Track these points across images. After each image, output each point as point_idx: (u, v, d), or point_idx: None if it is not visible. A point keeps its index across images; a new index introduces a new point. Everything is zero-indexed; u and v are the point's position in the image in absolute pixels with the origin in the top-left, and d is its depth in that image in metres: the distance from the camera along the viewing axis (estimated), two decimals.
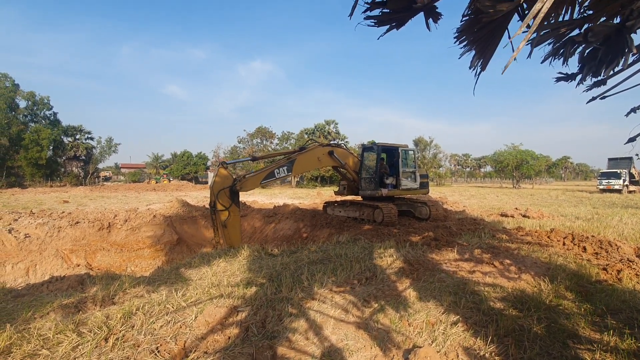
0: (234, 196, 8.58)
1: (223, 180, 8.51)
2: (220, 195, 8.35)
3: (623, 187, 31.56)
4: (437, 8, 2.25)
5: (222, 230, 8.41)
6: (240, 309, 3.76)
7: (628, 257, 6.16)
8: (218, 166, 8.65)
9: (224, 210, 8.35)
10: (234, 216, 8.54)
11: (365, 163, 11.27)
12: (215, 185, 8.37)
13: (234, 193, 8.58)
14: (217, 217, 8.39)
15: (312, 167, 10.89)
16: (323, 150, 10.38)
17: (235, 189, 8.58)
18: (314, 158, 10.15)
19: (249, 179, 9.04)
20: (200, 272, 5.56)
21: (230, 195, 8.50)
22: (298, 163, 9.61)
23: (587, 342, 3.24)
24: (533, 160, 47.98)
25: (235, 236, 8.53)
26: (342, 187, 12.07)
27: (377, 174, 10.74)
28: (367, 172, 11.18)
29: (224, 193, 8.42)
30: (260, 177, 9.22)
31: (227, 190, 8.47)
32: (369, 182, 11.01)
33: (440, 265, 5.68)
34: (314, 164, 10.45)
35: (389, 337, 3.31)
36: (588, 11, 2.97)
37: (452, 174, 73.80)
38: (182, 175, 61.93)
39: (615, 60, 2.55)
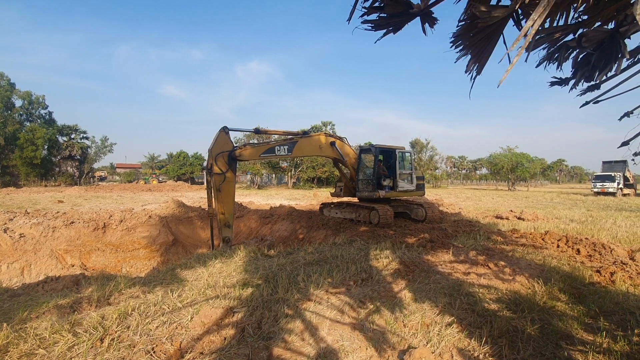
0: (232, 162, 8.53)
1: (223, 145, 8.44)
2: (219, 159, 8.29)
3: (617, 190, 31.86)
4: (434, 13, 2.29)
5: (215, 194, 8.33)
6: (236, 310, 3.76)
7: (621, 259, 6.23)
8: (219, 130, 8.56)
9: (220, 174, 8.28)
10: (229, 182, 8.49)
11: (363, 164, 11.28)
12: (214, 148, 8.29)
13: (232, 159, 8.51)
14: (212, 181, 8.30)
15: (312, 153, 10.79)
16: (326, 139, 10.33)
17: (234, 154, 8.52)
18: (315, 145, 10.09)
19: (249, 148, 9.00)
20: (196, 272, 5.55)
21: (229, 161, 8.43)
22: (299, 146, 9.57)
23: (580, 343, 3.28)
24: (528, 163, 48.34)
25: (228, 203, 8.48)
26: (339, 189, 12.02)
27: (375, 176, 10.75)
28: (365, 173, 11.18)
29: (223, 157, 8.35)
30: (261, 150, 9.17)
31: (226, 154, 8.40)
32: (366, 183, 10.99)
33: (436, 267, 5.72)
34: (314, 150, 10.36)
35: (384, 338, 3.33)
36: (583, 16, 3.02)
37: (449, 176, 74.08)
38: (178, 175, 61.64)
39: (609, 65, 2.60)
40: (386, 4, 2.22)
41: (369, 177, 10.95)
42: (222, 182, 8.33)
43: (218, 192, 8.28)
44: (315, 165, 48.44)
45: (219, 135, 8.54)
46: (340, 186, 11.97)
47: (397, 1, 2.18)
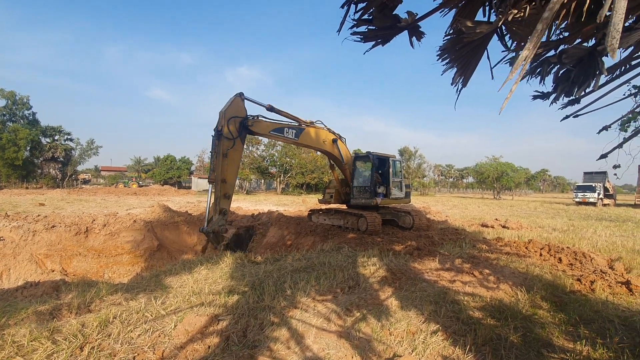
0: (243, 131, 8.22)
1: (236, 110, 8.12)
2: (231, 123, 7.94)
3: (598, 200, 32.82)
4: (421, 27, 2.35)
5: (219, 160, 7.85)
6: (221, 318, 3.71)
7: (601, 268, 6.40)
8: (235, 95, 8.22)
9: (230, 139, 7.92)
10: (237, 150, 8.16)
11: (359, 172, 11.38)
12: (227, 110, 7.94)
13: (243, 128, 8.20)
14: (219, 144, 7.83)
15: (315, 145, 10.40)
16: (329, 135, 10.34)
17: (247, 123, 8.25)
18: (319, 137, 10.02)
19: (262, 121, 8.69)
20: (181, 279, 5.46)
21: (240, 128, 8.12)
22: (306, 134, 9.47)
23: (561, 351, 3.34)
24: (513, 172, 49.43)
25: (232, 172, 8.12)
26: (329, 195, 11.98)
27: (372, 183, 10.88)
28: (362, 180, 11.29)
29: (235, 122, 8.02)
30: (272, 127, 8.92)
31: (239, 121, 8.10)
32: (363, 191, 11.11)
33: (422, 275, 5.76)
34: (317, 143, 10.20)
35: (370, 346, 3.33)
36: (564, 33, 3.14)
37: (436, 184, 75.08)
38: (165, 179, 60.71)
39: (587, 81, 2.70)
40: (375, 17, 2.27)
41: (366, 184, 11.05)
42: (230, 147, 7.93)
43: (224, 157, 7.82)
44: (304, 172, 48.47)
45: (234, 99, 8.18)
46: (330, 193, 11.93)
47: (385, 15, 2.24)
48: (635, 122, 3.85)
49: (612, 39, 1.13)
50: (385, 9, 2.25)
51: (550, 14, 1.46)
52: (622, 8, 1.11)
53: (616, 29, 1.11)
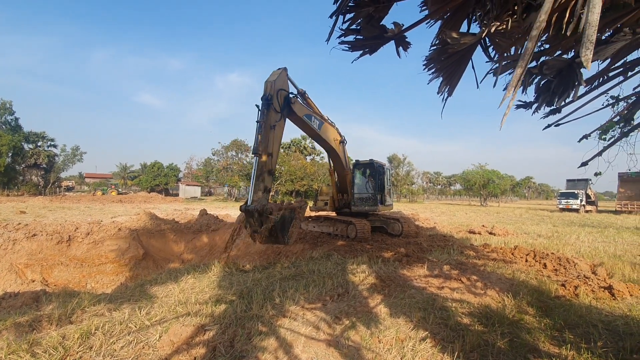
0: (285, 108, 7.59)
1: (284, 84, 7.60)
2: (280, 95, 7.37)
3: (580, 207, 33.66)
4: (407, 38, 2.41)
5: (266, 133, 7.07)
6: (208, 328, 3.64)
7: (584, 273, 6.53)
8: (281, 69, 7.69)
9: (278, 112, 7.29)
10: (281, 126, 7.54)
11: (361, 179, 11.49)
12: (277, 82, 7.35)
13: (286, 103, 7.58)
14: (268, 115, 7.09)
15: (329, 142, 9.91)
16: (337, 135, 10.30)
17: (290, 100, 7.68)
18: (332, 135, 9.91)
19: (299, 103, 8.16)
20: (166, 288, 5.34)
21: (283, 103, 7.51)
22: (325, 128, 9.29)
23: (547, 356, 3.38)
24: (499, 179, 50.40)
25: (277, 147, 7.43)
26: (323, 202, 11.80)
27: (376, 191, 10.99)
28: (364, 188, 11.37)
29: (281, 95, 7.42)
30: (305, 111, 8.47)
31: (284, 95, 7.54)
32: (366, 198, 11.20)
33: (411, 282, 5.78)
34: (331, 141, 9.88)
35: (359, 354, 3.31)
36: (545, 45, 3.26)
37: (424, 191, 75.88)
38: (152, 187, 59.73)
39: (567, 91, 2.79)
40: (362, 27, 2.32)
41: (370, 192, 11.15)
42: (277, 120, 7.33)
43: (271, 130, 7.13)
44: (294, 179, 48.38)
45: (282, 72, 7.67)
46: (324, 200, 11.78)
47: (372, 25, 2.28)
48: (613, 131, 3.99)
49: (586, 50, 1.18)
50: (373, 19, 2.30)
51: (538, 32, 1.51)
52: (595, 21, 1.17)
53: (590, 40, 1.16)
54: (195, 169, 65.45)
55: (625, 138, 4.07)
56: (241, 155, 50.74)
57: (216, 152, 51.42)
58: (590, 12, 1.16)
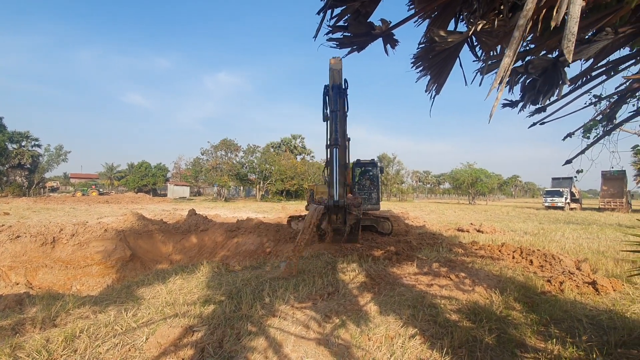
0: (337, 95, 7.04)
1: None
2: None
3: (565, 205, 34.44)
4: (395, 35, 2.41)
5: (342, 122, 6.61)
6: (196, 329, 3.59)
7: (569, 269, 6.67)
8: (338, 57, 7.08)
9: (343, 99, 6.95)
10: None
11: (363, 178, 11.56)
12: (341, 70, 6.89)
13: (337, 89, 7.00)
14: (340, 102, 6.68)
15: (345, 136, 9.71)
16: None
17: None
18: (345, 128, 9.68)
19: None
20: (154, 290, 5.25)
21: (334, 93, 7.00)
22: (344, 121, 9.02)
23: (533, 351, 3.44)
24: (486, 178, 51.18)
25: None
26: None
27: (378, 190, 11.03)
28: (367, 187, 11.46)
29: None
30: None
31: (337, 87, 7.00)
32: (369, 197, 11.31)
33: (401, 279, 5.82)
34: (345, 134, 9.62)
35: (349, 352, 3.31)
36: (531, 45, 3.31)
37: (414, 190, 76.57)
38: (139, 187, 58.77)
39: (551, 90, 2.84)
40: (350, 24, 2.31)
41: (372, 190, 11.26)
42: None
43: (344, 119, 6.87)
44: (284, 178, 48.25)
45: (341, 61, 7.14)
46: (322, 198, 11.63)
47: (360, 22, 2.28)
48: (596, 130, 4.08)
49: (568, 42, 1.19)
50: (360, 16, 2.30)
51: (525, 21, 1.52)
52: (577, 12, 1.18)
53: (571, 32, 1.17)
54: (184, 169, 64.65)
55: (607, 136, 4.17)
56: (230, 154, 50.28)
57: (205, 152, 50.85)
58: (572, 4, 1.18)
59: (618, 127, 4.18)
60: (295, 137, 63.24)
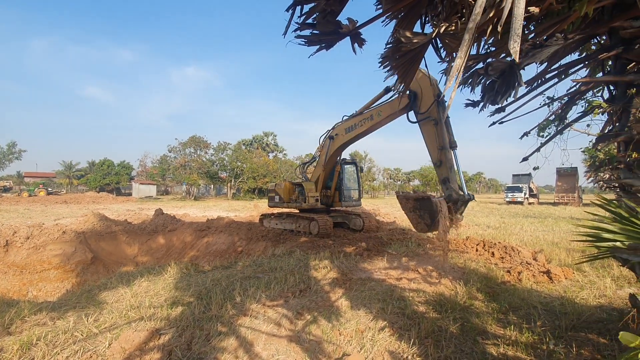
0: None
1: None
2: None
3: (524, 200, 36.55)
4: (362, 35, 2.45)
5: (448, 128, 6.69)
6: (163, 332, 3.49)
7: (527, 260, 7.10)
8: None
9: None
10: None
11: (348, 176, 11.78)
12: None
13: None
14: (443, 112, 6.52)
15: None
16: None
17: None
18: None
19: None
20: (117, 293, 5.03)
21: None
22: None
23: (494, 337, 3.64)
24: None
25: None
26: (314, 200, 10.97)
27: (360, 187, 11.57)
28: (351, 184, 11.76)
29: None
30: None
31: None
32: (354, 194, 11.65)
33: (372, 274, 5.95)
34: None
35: (320, 348, 3.34)
36: (491, 48, 3.48)
37: (385, 186, 78.18)
38: (101, 186, 55.78)
39: (509, 91, 3.00)
40: (318, 22, 2.33)
41: (356, 188, 11.70)
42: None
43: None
44: (256, 176, 47.61)
45: None
46: (316, 197, 11.18)
47: (328, 20, 2.30)
48: (549, 129, 4.37)
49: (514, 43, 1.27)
50: (328, 14, 2.32)
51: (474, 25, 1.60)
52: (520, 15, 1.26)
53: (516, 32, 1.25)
54: (150, 167, 62.09)
55: (559, 135, 4.48)
56: (200, 152, 48.87)
57: (173, 149, 49.07)
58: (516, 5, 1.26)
59: (569, 127, 4.50)
60: (267, 134, 62.55)
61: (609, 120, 3.58)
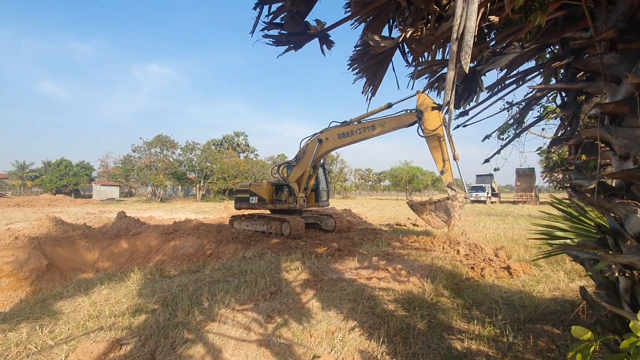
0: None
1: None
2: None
3: (487, 199, 38.44)
4: (330, 36, 2.46)
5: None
6: (125, 342, 3.31)
7: (489, 256, 7.45)
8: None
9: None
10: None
11: (322, 177, 12.11)
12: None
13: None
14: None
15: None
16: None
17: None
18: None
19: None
20: (75, 302, 4.72)
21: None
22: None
23: (458, 332, 3.78)
24: (422, 175, 54.99)
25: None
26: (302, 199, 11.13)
27: (329, 189, 12.15)
28: (324, 186, 12.18)
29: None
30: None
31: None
32: (325, 194, 12.01)
33: (343, 275, 5.99)
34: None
35: (290, 351, 3.32)
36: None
37: (357, 187, 79.24)
38: (58, 188, 52.29)
39: (471, 96, 3.13)
40: (286, 22, 2.31)
41: (326, 189, 12.23)
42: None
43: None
44: (226, 177, 46.57)
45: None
46: (303, 197, 11.32)
47: (296, 21, 2.28)
48: (508, 132, 4.60)
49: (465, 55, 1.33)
50: (297, 15, 2.30)
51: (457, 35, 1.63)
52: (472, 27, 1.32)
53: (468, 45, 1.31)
54: (112, 167, 59.03)
55: (518, 138, 4.74)
56: (167, 151, 47.08)
57: (137, 149, 46.91)
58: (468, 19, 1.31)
59: (526, 130, 4.77)
60: (238, 134, 61.40)
61: (561, 125, 3.82)
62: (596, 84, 2.19)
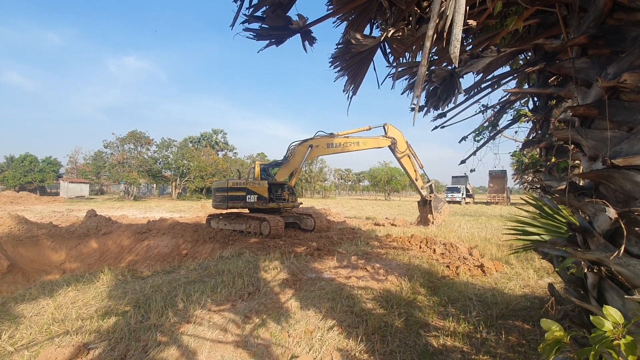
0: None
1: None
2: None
3: (462, 199, 39.63)
4: (312, 32, 2.44)
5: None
6: (92, 346, 3.15)
7: (464, 255, 7.67)
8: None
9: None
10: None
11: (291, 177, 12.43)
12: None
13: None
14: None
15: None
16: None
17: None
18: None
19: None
20: (38, 305, 4.45)
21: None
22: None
23: (435, 329, 3.85)
24: (400, 176, 55.94)
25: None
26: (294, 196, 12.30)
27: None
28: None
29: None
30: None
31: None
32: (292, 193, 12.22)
33: (322, 274, 5.98)
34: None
35: (268, 351, 3.27)
36: (435, 56, 3.68)
37: (336, 187, 79.69)
38: (22, 184, 49.48)
39: (449, 97, 3.20)
40: (267, 15, 2.26)
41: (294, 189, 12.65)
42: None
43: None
44: (204, 175, 45.58)
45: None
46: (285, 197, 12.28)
47: (278, 15, 2.24)
48: (483, 134, 4.74)
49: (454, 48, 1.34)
50: (279, 8, 2.26)
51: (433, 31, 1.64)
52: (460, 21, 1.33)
53: (456, 38, 1.32)
54: (82, 164, 56.47)
55: (492, 141, 4.89)
56: (141, 148, 45.50)
57: (109, 145, 45.06)
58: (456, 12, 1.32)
59: (500, 133, 4.93)
60: (216, 131, 60.31)
61: (533, 128, 3.98)
62: (567, 88, 2.28)
